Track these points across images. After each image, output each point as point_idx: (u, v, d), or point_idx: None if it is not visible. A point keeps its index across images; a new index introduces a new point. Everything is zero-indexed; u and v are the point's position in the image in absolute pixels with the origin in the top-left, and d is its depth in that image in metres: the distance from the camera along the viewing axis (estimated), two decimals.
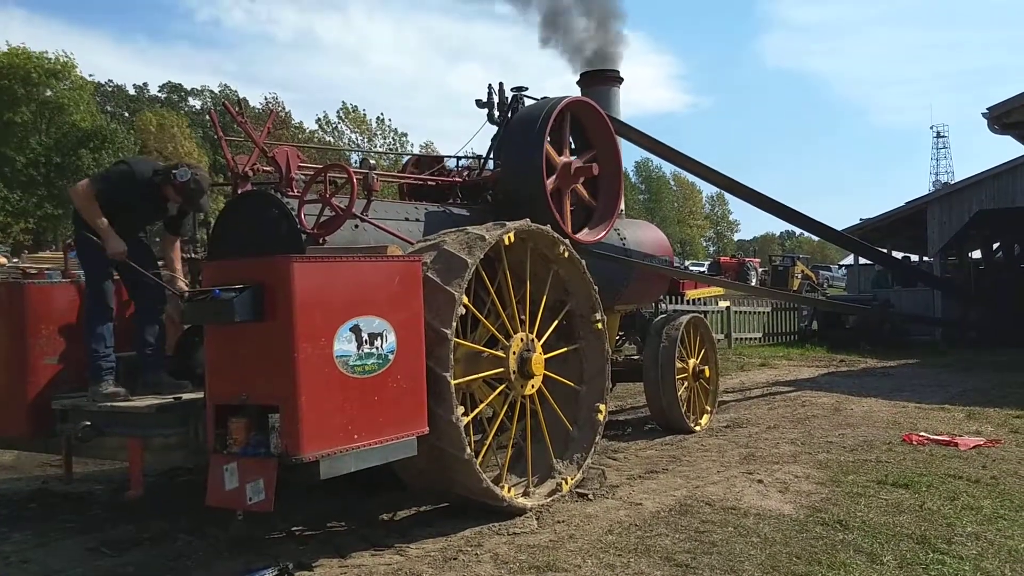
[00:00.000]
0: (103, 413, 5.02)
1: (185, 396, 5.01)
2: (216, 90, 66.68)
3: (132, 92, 68.99)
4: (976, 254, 26.39)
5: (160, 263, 5.78)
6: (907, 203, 22.15)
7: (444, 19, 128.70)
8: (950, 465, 6.82)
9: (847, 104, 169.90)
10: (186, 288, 5.59)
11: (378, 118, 53.08)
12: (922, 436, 7.98)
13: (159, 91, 70.27)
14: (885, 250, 22.01)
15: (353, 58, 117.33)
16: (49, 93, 44.75)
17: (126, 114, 62.05)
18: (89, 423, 4.96)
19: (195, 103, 68.56)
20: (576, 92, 9.01)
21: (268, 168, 5.98)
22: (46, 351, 5.40)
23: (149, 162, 5.78)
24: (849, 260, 29.18)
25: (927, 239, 20.28)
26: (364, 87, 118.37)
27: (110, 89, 66.00)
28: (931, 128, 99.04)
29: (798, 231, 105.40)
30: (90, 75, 49.05)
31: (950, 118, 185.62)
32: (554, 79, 78.34)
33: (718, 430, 8.71)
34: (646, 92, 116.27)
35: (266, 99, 55.61)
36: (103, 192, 5.36)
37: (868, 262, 23.52)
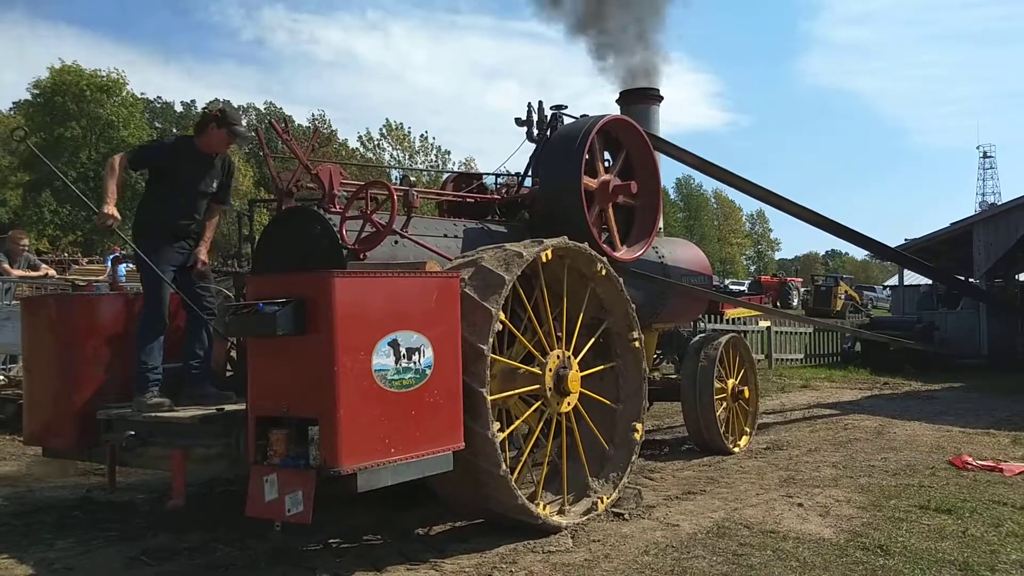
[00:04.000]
0: (147, 423, 5.12)
1: (227, 407, 5.09)
2: (262, 107, 67.77)
3: (180, 109, 70.36)
4: (1023, 277, 25.81)
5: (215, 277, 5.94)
6: (953, 224, 21.73)
7: (482, 38, 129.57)
8: (995, 491, 6.68)
9: (890, 123, 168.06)
10: (206, 257, 5.78)
11: (422, 136, 53.71)
12: (967, 461, 7.82)
13: (206, 108, 71.46)
14: None
15: (393, 77, 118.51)
16: (101, 110, 45.69)
17: (174, 130, 63.26)
18: (133, 433, 5.07)
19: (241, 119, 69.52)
20: (616, 111, 9.03)
21: (312, 185, 6.09)
22: (92, 362, 5.51)
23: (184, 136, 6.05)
24: (894, 281, 28.67)
25: (973, 261, 19.90)
26: (402, 106, 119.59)
27: (159, 106, 67.32)
28: (977, 148, 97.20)
29: (842, 250, 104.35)
30: (141, 93, 50.29)
31: (997, 138, 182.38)
32: (592, 98, 78.44)
33: (757, 452, 8.61)
34: (684, 110, 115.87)
35: (313, 116, 56.42)
36: (136, 158, 5.60)
37: (913, 283, 23.09)
